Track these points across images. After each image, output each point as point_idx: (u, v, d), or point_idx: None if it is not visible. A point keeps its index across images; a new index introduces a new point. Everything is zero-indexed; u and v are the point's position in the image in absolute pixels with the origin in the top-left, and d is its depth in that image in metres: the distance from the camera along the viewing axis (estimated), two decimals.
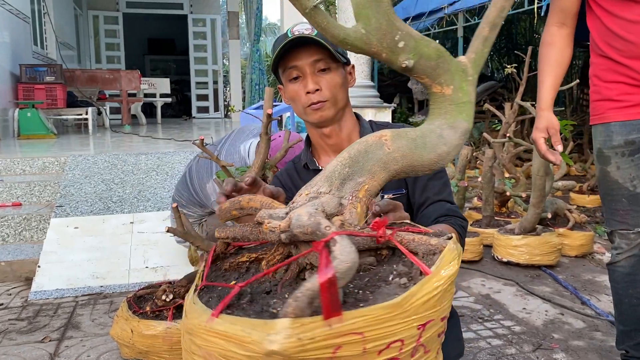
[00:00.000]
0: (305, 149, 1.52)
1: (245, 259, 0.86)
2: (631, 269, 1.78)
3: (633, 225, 1.75)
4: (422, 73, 0.84)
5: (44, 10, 8.35)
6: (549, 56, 1.79)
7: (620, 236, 1.79)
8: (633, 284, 1.79)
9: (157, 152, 4.29)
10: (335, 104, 1.37)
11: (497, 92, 10.19)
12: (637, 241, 1.76)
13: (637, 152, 1.70)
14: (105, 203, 3.59)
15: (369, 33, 0.79)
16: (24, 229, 3.50)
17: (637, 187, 1.71)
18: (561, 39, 1.78)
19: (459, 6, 7.18)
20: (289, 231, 0.70)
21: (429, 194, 1.39)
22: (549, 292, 2.90)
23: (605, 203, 1.82)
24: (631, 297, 1.80)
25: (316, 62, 1.33)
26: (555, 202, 3.80)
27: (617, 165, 1.73)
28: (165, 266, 3.16)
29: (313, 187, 0.79)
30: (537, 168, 3.10)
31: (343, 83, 1.39)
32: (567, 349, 2.22)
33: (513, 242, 3.32)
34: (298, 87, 1.36)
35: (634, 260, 1.77)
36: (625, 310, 1.83)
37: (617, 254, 1.81)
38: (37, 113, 6.25)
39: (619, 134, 1.71)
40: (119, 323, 2.14)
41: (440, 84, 0.85)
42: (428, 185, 1.40)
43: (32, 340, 2.35)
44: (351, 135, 1.45)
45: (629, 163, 1.71)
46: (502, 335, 2.35)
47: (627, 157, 1.71)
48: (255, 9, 10.37)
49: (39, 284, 2.94)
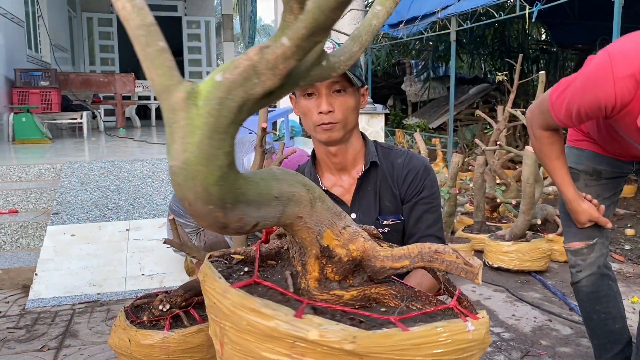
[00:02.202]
0: (310, 164, 1.55)
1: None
2: (593, 286, 1.83)
3: (584, 239, 1.79)
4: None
5: (38, 14, 8.34)
6: (555, 152, 1.72)
7: (575, 254, 1.83)
8: (598, 301, 1.84)
9: (153, 159, 4.33)
10: (345, 126, 1.40)
11: (490, 94, 10.27)
12: (590, 256, 1.80)
13: (603, 179, 1.79)
14: (101, 210, 3.62)
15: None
16: (20, 237, 3.53)
17: (600, 203, 1.78)
18: (557, 136, 1.73)
19: (452, 10, 7.24)
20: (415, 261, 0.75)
21: (421, 226, 1.45)
22: (538, 298, 2.96)
23: (564, 218, 1.85)
24: (599, 313, 1.85)
25: (333, 84, 1.36)
26: (545, 208, 3.87)
27: (584, 182, 1.81)
28: (162, 273, 3.20)
29: (343, 221, 0.81)
30: (527, 176, 3.16)
31: (355, 106, 1.42)
32: (555, 355, 2.28)
33: (503, 248, 3.38)
34: (312, 104, 1.38)
35: (594, 278, 1.82)
36: (595, 326, 1.89)
37: (577, 272, 1.85)
38: (32, 118, 6.26)
39: (590, 160, 1.80)
40: (117, 332, 2.18)
41: None
42: (422, 218, 1.46)
43: (31, 348, 2.38)
44: (357, 155, 1.49)
45: (595, 184, 1.79)
46: (491, 342, 2.40)
47: (595, 180, 1.79)
48: (250, 11, 10.41)
49: (37, 292, 2.97)
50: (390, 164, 1.51)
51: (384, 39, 10.06)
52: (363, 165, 1.49)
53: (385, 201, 1.49)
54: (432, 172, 1.52)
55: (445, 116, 9.58)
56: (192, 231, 2.97)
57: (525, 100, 8.76)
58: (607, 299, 1.83)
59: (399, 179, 1.50)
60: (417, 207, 1.48)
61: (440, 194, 1.53)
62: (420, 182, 1.49)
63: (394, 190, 1.49)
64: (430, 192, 1.49)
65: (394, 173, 1.50)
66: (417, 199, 1.48)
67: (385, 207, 1.49)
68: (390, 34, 9.44)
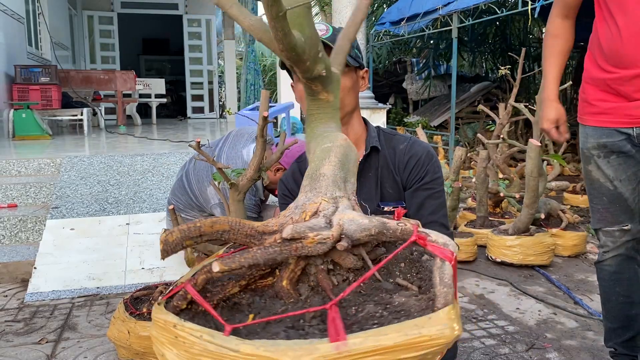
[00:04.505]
0: None
1: (237, 290, 0.73)
2: (617, 267, 1.82)
3: (613, 223, 1.79)
4: (320, 81, 0.89)
5: (38, 11, 8.32)
6: (555, 47, 1.85)
7: (606, 234, 1.83)
8: (619, 283, 1.83)
9: (153, 153, 4.30)
10: (342, 107, 1.36)
11: (492, 92, 10.23)
12: (621, 239, 1.79)
13: (611, 154, 1.75)
14: (101, 204, 3.60)
15: (303, 42, 0.83)
16: (19, 231, 3.51)
17: (617, 187, 1.76)
18: (565, 30, 1.85)
19: (454, 7, 7.21)
20: (347, 238, 0.67)
21: (424, 213, 1.40)
22: (542, 292, 2.93)
23: (590, 201, 1.87)
24: (618, 295, 1.84)
25: None
26: (549, 202, 3.83)
27: (596, 165, 1.79)
28: (162, 267, 3.17)
29: (326, 193, 0.77)
30: (530, 169, 3.13)
31: (352, 87, 1.39)
32: (560, 348, 2.25)
33: (507, 243, 3.35)
34: None
35: (619, 259, 1.81)
36: (612, 308, 1.87)
37: (603, 252, 1.85)
38: (32, 114, 6.23)
39: (592, 137, 1.78)
40: (116, 324, 2.15)
41: (327, 92, 0.91)
42: (425, 204, 1.41)
43: (29, 341, 2.35)
44: (358, 140, 1.45)
45: (606, 164, 1.77)
46: (495, 335, 2.37)
47: (603, 158, 1.76)
48: (251, 9, 10.38)
49: (35, 286, 2.95)
50: (392, 150, 1.48)
51: (385, 36, 10.02)
52: (364, 151, 1.46)
53: (387, 187, 1.46)
54: (434, 158, 1.49)
55: (446, 114, 9.55)
56: None
57: (526, 98, 8.73)
58: (630, 282, 1.82)
59: (400, 165, 1.46)
60: (419, 193, 1.44)
61: (443, 181, 1.49)
62: (423, 167, 1.45)
63: (396, 176, 1.46)
64: (432, 177, 1.45)
65: (396, 159, 1.47)
66: (419, 184, 1.44)
67: (386, 193, 1.46)
68: (392, 32, 9.42)
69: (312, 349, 0.55)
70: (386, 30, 9.42)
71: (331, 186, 0.77)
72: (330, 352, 0.55)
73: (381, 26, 9.15)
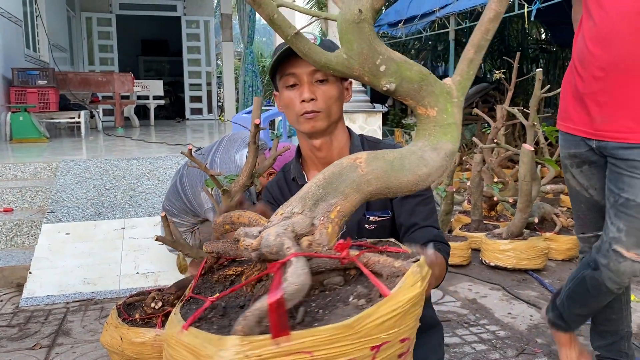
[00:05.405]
0: (295, 160, 1.52)
1: (232, 272, 0.90)
2: None
3: (592, 230, 1.83)
4: (406, 95, 0.87)
5: (36, 13, 8.33)
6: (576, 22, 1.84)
7: (583, 240, 1.88)
8: None
9: (149, 157, 4.31)
10: (329, 116, 1.37)
11: (489, 93, 10.24)
12: (596, 245, 1.81)
13: (582, 164, 1.77)
14: (96, 209, 3.61)
15: (350, 57, 0.83)
16: (15, 235, 3.52)
17: (592, 195, 1.79)
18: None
19: (451, 9, 7.23)
20: (259, 250, 0.73)
21: (416, 219, 1.41)
22: (534, 297, 2.94)
23: (572, 207, 1.91)
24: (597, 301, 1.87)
25: (314, 72, 1.34)
26: (543, 206, 3.85)
27: (571, 174, 1.82)
28: (156, 272, 3.19)
29: (288, 207, 0.82)
30: (523, 174, 3.14)
31: (339, 97, 1.40)
32: (550, 353, 2.27)
33: (500, 247, 3.36)
34: (294, 94, 1.36)
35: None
36: (594, 313, 1.90)
37: (582, 258, 1.89)
38: (29, 117, 6.24)
39: (563, 146, 1.81)
40: (109, 330, 2.16)
41: (424, 105, 0.88)
42: (415, 211, 1.42)
43: (23, 347, 2.37)
44: (342, 150, 1.46)
45: (579, 174, 1.80)
46: (486, 340, 2.39)
47: (576, 168, 1.79)
48: (249, 11, 10.38)
49: (30, 290, 2.96)
50: None
51: (383, 38, 10.04)
52: None
53: None
54: None
55: None
56: (186, 230, 2.95)
57: (524, 99, 8.74)
58: None
59: None
60: (409, 200, 1.44)
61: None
62: None
63: None
64: None
65: None
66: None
67: (372, 202, 1.46)
68: (390, 34, 9.43)
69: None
70: (384, 32, 9.44)
71: (296, 201, 0.80)
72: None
73: (379, 28, 9.17)
